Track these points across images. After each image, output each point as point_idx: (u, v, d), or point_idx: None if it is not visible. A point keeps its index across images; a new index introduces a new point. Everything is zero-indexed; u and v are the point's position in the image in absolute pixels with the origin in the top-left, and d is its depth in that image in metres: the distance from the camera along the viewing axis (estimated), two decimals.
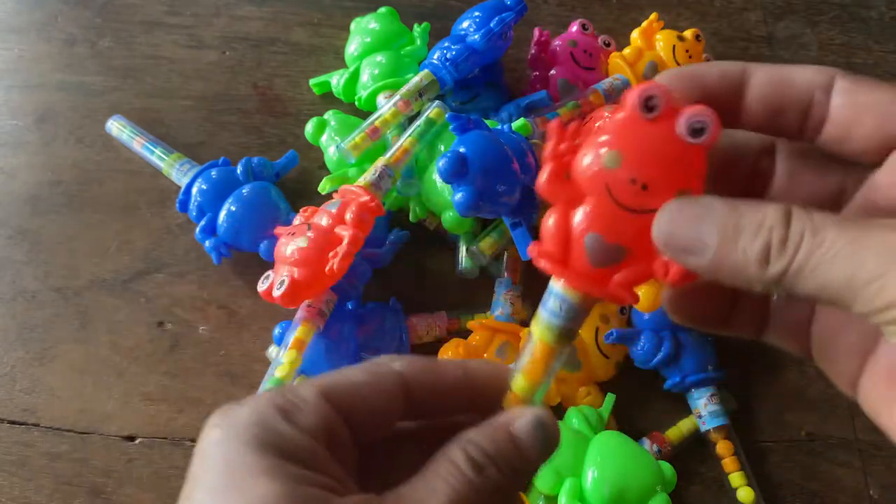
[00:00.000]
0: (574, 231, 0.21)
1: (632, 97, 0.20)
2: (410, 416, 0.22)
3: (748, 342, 0.26)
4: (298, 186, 0.54)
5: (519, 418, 0.21)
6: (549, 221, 0.21)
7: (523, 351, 0.22)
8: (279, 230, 0.45)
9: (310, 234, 0.42)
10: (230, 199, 0.48)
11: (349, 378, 0.21)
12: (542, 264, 0.21)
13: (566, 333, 0.22)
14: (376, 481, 0.20)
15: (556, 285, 0.21)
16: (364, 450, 0.21)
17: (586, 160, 0.20)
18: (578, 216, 0.20)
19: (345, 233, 0.41)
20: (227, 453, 0.18)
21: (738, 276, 0.19)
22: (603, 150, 0.20)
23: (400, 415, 0.22)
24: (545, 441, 0.21)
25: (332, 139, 0.51)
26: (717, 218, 0.19)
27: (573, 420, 0.44)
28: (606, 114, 0.44)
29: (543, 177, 0.21)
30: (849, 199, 0.22)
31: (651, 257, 0.20)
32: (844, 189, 0.22)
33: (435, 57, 0.50)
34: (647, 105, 0.20)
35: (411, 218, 0.50)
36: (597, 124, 0.21)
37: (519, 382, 0.22)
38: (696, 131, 0.19)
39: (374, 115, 0.49)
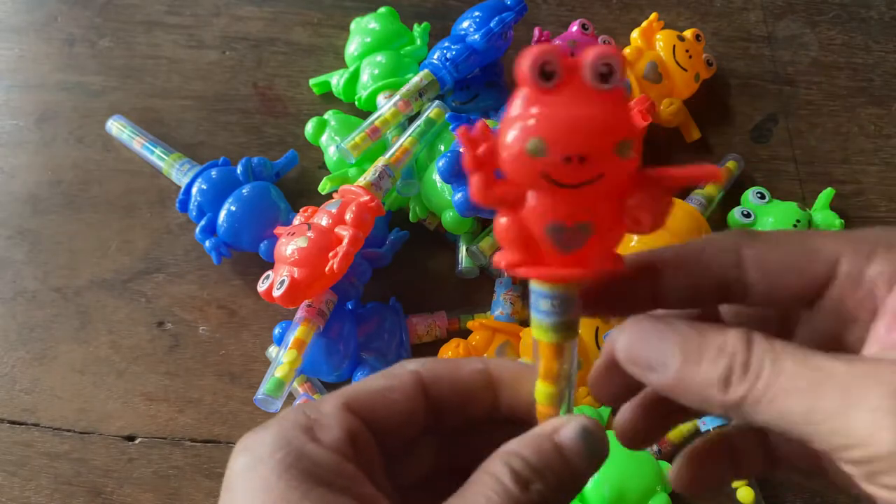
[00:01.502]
0: (532, 228, 0.19)
1: (524, 70, 0.17)
2: (433, 416, 0.22)
3: None
4: (298, 186, 0.54)
5: (564, 427, 0.20)
6: (502, 227, 0.19)
7: (535, 358, 0.21)
8: (279, 230, 0.45)
9: (310, 234, 0.42)
10: (230, 199, 0.48)
11: (368, 385, 0.21)
12: (519, 272, 0.20)
13: (569, 326, 0.20)
14: (409, 488, 0.20)
15: (542, 285, 0.20)
16: (391, 456, 0.21)
17: (511, 157, 0.18)
18: (530, 212, 0.19)
19: (345, 233, 0.41)
20: (252, 481, 0.18)
21: (698, 397, 0.18)
22: (523, 142, 0.18)
23: (421, 415, 0.21)
24: (592, 450, 0.20)
25: (332, 139, 0.51)
26: (679, 338, 0.19)
27: None
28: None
29: (474, 189, 0.19)
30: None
31: (617, 218, 0.19)
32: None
33: (435, 57, 0.50)
34: (544, 73, 0.17)
35: (411, 218, 0.50)
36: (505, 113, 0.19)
37: (540, 390, 0.21)
38: (605, 75, 0.17)
39: (374, 115, 0.49)
